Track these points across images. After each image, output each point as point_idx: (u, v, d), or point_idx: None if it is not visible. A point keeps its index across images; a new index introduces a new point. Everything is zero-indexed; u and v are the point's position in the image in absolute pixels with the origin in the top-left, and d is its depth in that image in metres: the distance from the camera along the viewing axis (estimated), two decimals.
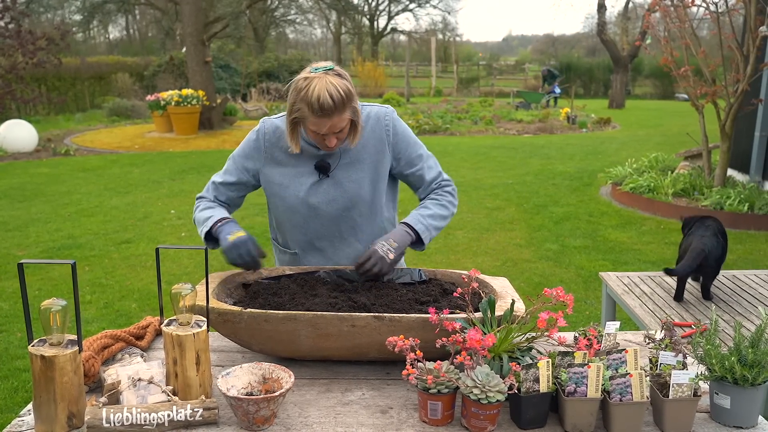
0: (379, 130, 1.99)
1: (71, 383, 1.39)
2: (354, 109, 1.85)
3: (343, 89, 1.78)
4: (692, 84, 7.12)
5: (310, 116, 1.80)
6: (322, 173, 1.97)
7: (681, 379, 1.41)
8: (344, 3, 27.51)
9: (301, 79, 1.81)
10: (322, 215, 1.99)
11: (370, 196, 2.01)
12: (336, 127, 1.82)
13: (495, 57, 43.58)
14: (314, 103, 1.75)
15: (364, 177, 1.99)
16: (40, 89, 17.50)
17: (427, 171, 2.07)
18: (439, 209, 2.03)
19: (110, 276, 5.15)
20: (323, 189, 1.98)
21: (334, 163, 1.98)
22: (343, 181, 1.98)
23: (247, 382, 1.50)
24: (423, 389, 1.43)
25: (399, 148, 2.02)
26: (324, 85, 1.76)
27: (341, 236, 2.03)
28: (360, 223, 2.03)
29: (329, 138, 1.85)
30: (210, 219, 1.95)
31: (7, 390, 3.41)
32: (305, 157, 1.98)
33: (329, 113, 1.77)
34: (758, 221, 6.45)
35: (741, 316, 2.77)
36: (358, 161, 1.99)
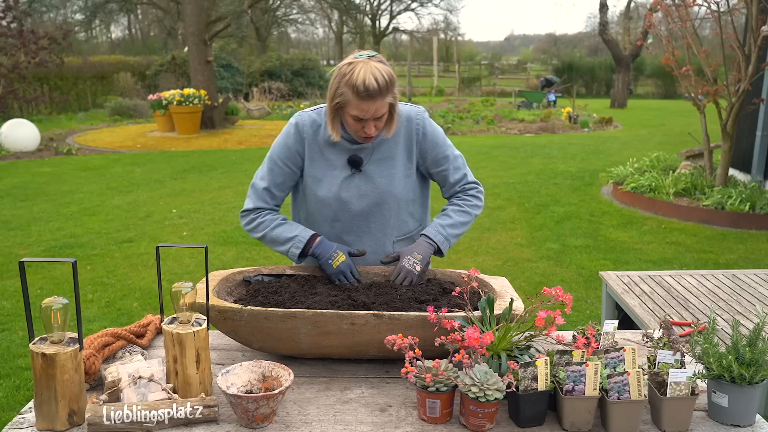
0: (410, 128, 2.03)
1: (72, 381, 1.40)
2: (394, 95, 1.88)
3: (387, 74, 1.82)
4: (694, 83, 7.12)
5: (353, 100, 1.82)
6: (355, 168, 2.00)
7: (679, 378, 1.42)
8: (346, 2, 27.52)
9: (344, 64, 1.85)
10: (352, 210, 2.02)
11: (400, 192, 2.03)
12: (378, 112, 1.85)
13: (497, 56, 43.57)
14: (359, 86, 1.79)
15: (395, 173, 2.02)
16: (43, 89, 17.53)
17: (453, 172, 2.09)
18: (459, 216, 2.06)
19: (112, 275, 5.16)
20: (355, 184, 2.00)
21: (367, 158, 2.00)
22: (375, 177, 2.00)
23: (246, 380, 1.51)
24: (422, 387, 1.44)
25: (426, 147, 2.04)
26: (369, 69, 1.80)
27: (369, 231, 2.05)
28: (388, 219, 2.05)
29: (368, 125, 1.87)
30: (296, 238, 1.96)
31: (9, 388, 3.42)
32: (339, 151, 2.00)
33: (373, 96, 1.80)
34: (759, 221, 6.45)
35: (740, 315, 2.78)
36: (390, 158, 2.01)
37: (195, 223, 6.75)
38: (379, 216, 2.04)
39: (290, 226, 1.99)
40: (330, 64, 42.21)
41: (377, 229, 2.05)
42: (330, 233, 2.06)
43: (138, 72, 21.90)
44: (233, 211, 7.24)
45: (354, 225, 2.04)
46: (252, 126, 15.82)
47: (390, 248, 2.09)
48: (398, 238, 2.10)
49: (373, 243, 2.06)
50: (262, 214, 2.04)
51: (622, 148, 12.09)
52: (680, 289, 3.13)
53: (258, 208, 2.05)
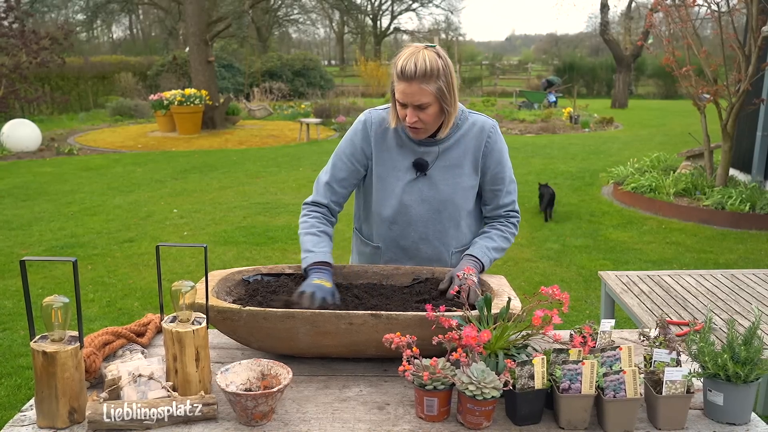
0: (480, 139, 1.99)
1: (73, 379, 1.41)
2: (441, 89, 1.82)
3: (431, 61, 1.79)
4: (694, 84, 7.13)
5: (396, 81, 1.83)
6: (420, 171, 1.97)
7: (674, 376, 1.43)
8: (347, 2, 27.54)
9: (403, 48, 1.87)
10: (412, 214, 2.00)
11: (463, 202, 2.01)
12: (416, 98, 1.81)
13: (498, 56, 43.57)
14: (399, 65, 1.80)
15: (460, 182, 1.99)
16: (44, 89, 17.56)
17: (505, 195, 2.06)
18: (502, 242, 2.04)
19: (113, 274, 5.18)
20: (418, 188, 1.98)
21: (432, 163, 1.98)
22: (439, 183, 1.98)
23: (245, 378, 1.52)
24: (419, 386, 1.45)
25: (490, 162, 2.01)
26: (414, 53, 1.80)
27: (426, 238, 2.03)
28: (447, 228, 2.02)
29: (409, 112, 1.84)
30: (310, 255, 1.90)
31: (11, 387, 3.44)
32: (405, 153, 1.98)
33: (409, 78, 1.78)
34: (760, 221, 6.46)
35: (738, 315, 2.79)
36: (457, 166, 1.98)
37: (196, 223, 6.76)
38: (437, 224, 2.01)
39: (317, 239, 1.94)
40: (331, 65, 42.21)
41: (435, 237, 2.03)
42: (387, 236, 2.04)
43: (139, 72, 21.93)
44: (234, 211, 7.25)
45: (411, 231, 2.02)
46: (253, 126, 15.84)
47: (448, 259, 2.06)
48: (456, 249, 2.07)
49: (431, 251, 2.04)
50: (311, 214, 2.02)
51: (623, 148, 12.09)
52: (679, 289, 3.13)
53: (315, 203, 2.03)
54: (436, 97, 1.83)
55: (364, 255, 2.13)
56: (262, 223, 6.75)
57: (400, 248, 2.04)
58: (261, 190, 8.41)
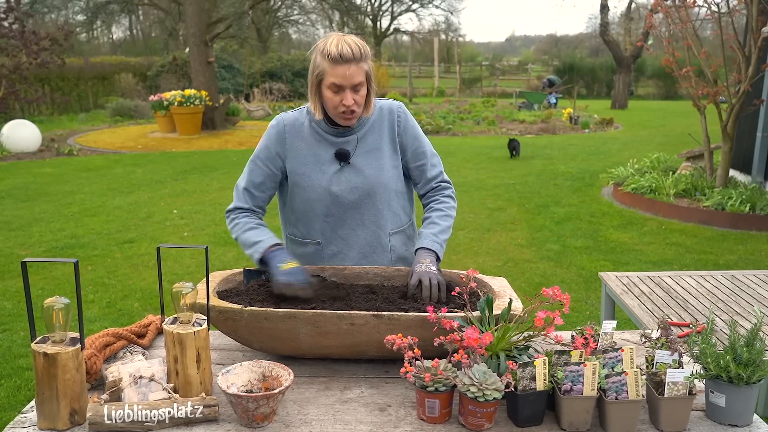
0: (392, 120, 2.07)
1: (73, 380, 1.41)
2: (370, 68, 1.92)
3: (360, 43, 1.88)
4: (694, 85, 7.13)
5: (329, 67, 1.87)
6: (343, 161, 2.02)
7: (676, 378, 1.43)
8: (347, 3, 27.55)
9: (321, 41, 1.92)
10: (345, 203, 2.03)
11: (391, 183, 2.06)
12: (354, 78, 1.87)
13: (498, 57, 43.57)
14: (333, 50, 1.85)
15: (384, 164, 2.04)
16: (44, 89, 17.56)
17: (430, 168, 2.12)
18: (444, 221, 2.07)
19: (113, 275, 5.17)
20: (345, 177, 2.02)
21: (353, 151, 2.02)
22: (364, 168, 2.02)
23: (247, 379, 1.51)
24: (421, 387, 1.45)
25: (407, 140, 2.08)
26: (341, 38, 1.88)
27: (363, 224, 2.06)
28: (381, 210, 2.06)
29: (346, 95, 1.88)
30: (259, 244, 1.94)
31: (11, 388, 3.43)
32: (325, 146, 2.03)
33: (347, 60, 1.84)
34: (760, 222, 6.45)
35: (739, 316, 2.78)
36: (377, 149, 2.04)
37: (196, 223, 6.76)
38: (371, 207, 2.05)
39: (259, 231, 1.99)
40: None
41: (371, 221, 2.06)
42: (324, 228, 2.07)
43: (139, 73, 21.92)
44: None
45: (347, 218, 2.05)
46: (253, 127, 15.84)
47: (386, 241, 2.09)
48: (393, 231, 2.11)
49: (369, 235, 2.07)
50: (239, 216, 2.06)
51: (623, 149, 12.09)
52: (679, 290, 3.13)
53: (237, 208, 2.08)
54: (368, 76, 1.92)
55: (305, 256, 2.11)
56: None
57: (339, 238, 2.07)
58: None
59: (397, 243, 2.13)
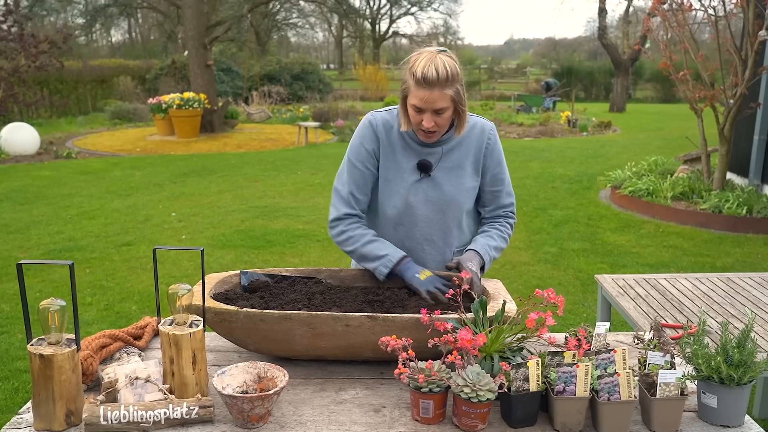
0: (481, 140, 2.03)
1: (69, 381, 1.41)
2: (458, 92, 1.85)
3: (450, 66, 1.82)
4: (691, 88, 7.15)
5: (412, 88, 1.83)
6: (424, 172, 2.00)
7: (668, 379, 1.44)
8: (346, 6, 27.60)
9: (414, 54, 1.87)
10: (417, 215, 2.02)
11: (465, 203, 2.03)
12: (435, 104, 1.83)
13: (496, 60, 43.64)
14: (418, 72, 1.80)
15: (463, 183, 2.01)
16: (43, 92, 17.56)
17: (505, 196, 2.10)
18: (501, 242, 2.06)
19: (111, 278, 5.18)
20: (422, 189, 2.00)
21: (436, 164, 2.00)
22: (443, 184, 2.00)
23: (242, 380, 1.52)
24: (415, 388, 1.46)
25: (490, 163, 2.04)
26: (431, 58, 1.81)
27: (431, 239, 2.04)
28: (451, 228, 2.04)
29: (426, 117, 1.85)
30: (386, 258, 1.92)
31: (8, 390, 3.44)
32: (409, 155, 2.00)
33: (431, 85, 1.80)
34: (757, 224, 6.47)
35: (734, 318, 2.80)
36: (460, 167, 2.01)
37: (194, 226, 6.77)
38: (442, 224, 2.03)
39: (381, 244, 1.96)
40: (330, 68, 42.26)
41: (439, 237, 2.04)
42: (393, 237, 2.05)
43: (138, 76, 21.95)
44: (232, 214, 7.26)
45: (416, 231, 2.03)
46: (251, 130, 15.86)
47: (449, 257, 2.08)
48: (458, 248, 2.09)
49: (435, 251, 2.06)
50: (352, 227, 2.01)
51: (621, 151, 12.12)
52: (675, 292, 3.14)
53: (348, 215, 2.02)
54: (454, 100, 1.85)
55: None
56: (261, 226, 6.75)
57: (405, 249, 2.05)
58: (259, 193, 8.42)
59: None
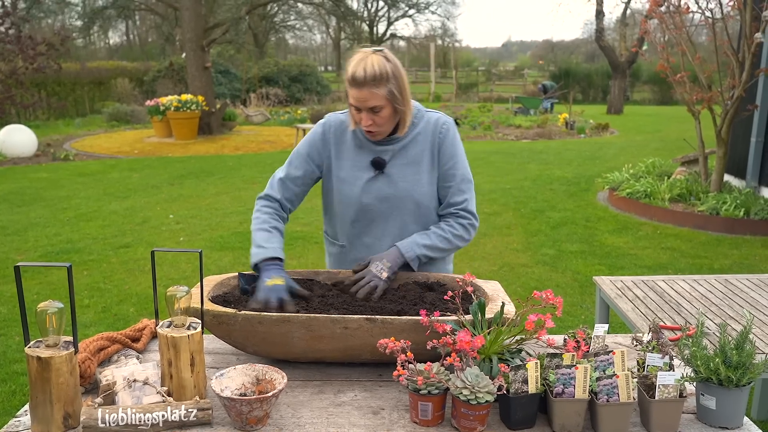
0: (434, 135, 2.03)
1: (67, 384, 1.41)
2: (392, 91, 1.87)
3: (379, 66, 1.85)
4: (688, 90, 7.16)
5: (348, 87, 1.89)
6: (378, 169, 2.02)
7: (667, 381, 1.44)
8: (344, 9, 27.62)
9: (351, 55, 1.92)
10: (374, 211, 2.03)
11: (423, 198, 2.03)
12: (368, 102, 1.86)
13: (494, 62, 43.70)
14: (348, 72, 1.87)
15: (419, 179, 2.02)
16: (40, 94, 17.55)
17: (455, 193, 2.04)
18: (439, 241, 2.00)
19: (108, 280, 5.17)
20: (377, 186, 2.02)
21: (390, 161, 2.02)
22: (398, 181, 2.02)
23: (240, 383, 1.52)
24: (414, 390, 1.46)
25: (442, 157, 2.03)
26: (362, 58, 1.86)
27: (389, 234, 2.05)
28: (408, 224, 2.05)
29: (363, 116, 1.90)
30: (261, 250, 1.90)
31: (5, 393, 3.43)
32: (364, 153, 2.03)
33: (360, 84, 1.84)
34: (754, 226, 6.48)
35: (732, 320, 2.80)
36: (416, 163, 2.02)
37: (192, 228, 6.76)
38: (398, 220, 2.04)
39: (269, 237, 1.95)
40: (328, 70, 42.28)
41: (395, 233, 2.05)
42: (351, 233, 2.08)
43: (136, 78, 21.94)
44: (230, 216, 7.25)
45: (374, 227, 2.05)
46: (249, 132, 15.85)
47: None
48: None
49: (391, 246, 2.04)
50: (263, 209, 2.05)
51: (618, 153, 12.14)
52: (673, 294, 3.15)
53: (268, 197, 2.08)
54: (388, 99, 1.89)
55: (333, 255, 2.19)
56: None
57: (364, 245, 2.08)
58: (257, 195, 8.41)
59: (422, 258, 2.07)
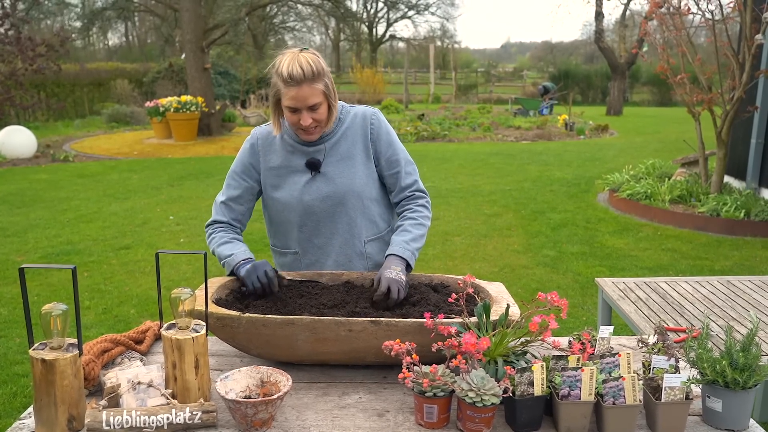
0: (365, 127, 2.07)
1: (71, 386, 1.41)
2: (327, 85, 1.90)
3: (314, 62, 1.87)
4: (689, 91, 7.17)
5: (282, 89, 1.89)
6: (313, 170, 2.03)
7: (673, 383, 1.43)
8: (343, 10, 27.62)
9: (277, 57, 1.93)
10: (318, 212, 2.04)
11: (363, 191, 2.05)
12: (308, 100, 1.87)
13: (493, 64, 43.73)
14: (284, 72, 1.86)
15: (356, 172, 2.04)
16: (40, 95, 17.53)
17: (404, 177, 2.10)
18: (417, 229, 2.04)
19: (109, 282, 5.16)
20: (316, 186, 2.03)
21: (324, 160, 2.03)
22: (335, 178, 2.03)
23: (245, 385, 1.51)
24: (419, 392, 1.45)
25: (380, 147, 2.08)
26: (294, 57, 1.87)
27: (337, 232, 2.07)
28: (354, 218, 2.06)
29: (303, 115, 1.90)
30: (231, 257, 1.95)
31: (6, 395, 3.42)
32: (296, 157, 2.04)
33: (298, 81, 1.85)
34: (755, 228, 6.48)
35: (735, 321, 2.80)
36: (349, 158, 2.04)
37: (192, 230, 6.75)
38: (344, 216, 2.05)
39: (232, 246, 1.99)
40: None
41: (344, 230, 2.06)
42: (300, 238, 2.09)
43: (135, 79, 21.92)
44: None
45: (321, 227, 2.06)
46: (249, 133, 15.84)
47: (361, 248, 2.09)
48: (369, 238, 2.11)
49: (343, 243, 2.08)
50: (215, 231, 2.07)
51: (618, 155, 12.14)
52: (675, 296, 3.14)
53: (216, 222, 2.09)
54: (325, 94, 1.91)
55: (285, 265, 2.17)
56: (259, 230, 6.72)
57: (316, 247, 2.08)
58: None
59: (373, 250, 2.11)
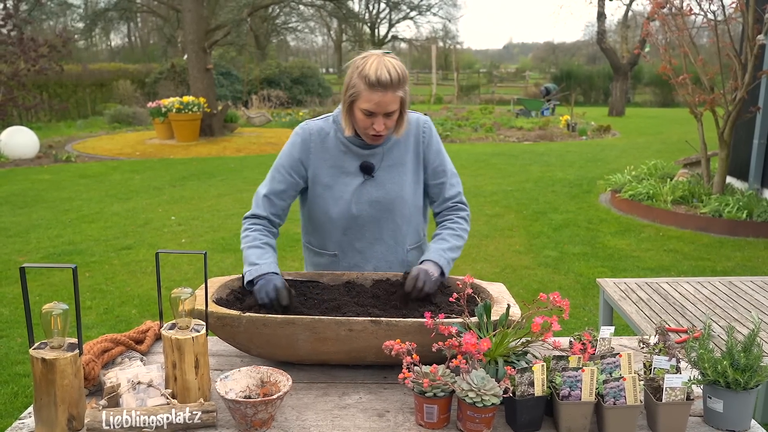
0: (417, 135, 2.04)
1: (72, 386, 1.40)
2: (406, 93, 1.87)
3: (400, 68, 1.83)
4: (691, 92, 7.16)
5: (364, 91, 1.82)
6: (367, 174, 1.99)
7: (674, 383, 1.43)
8: (345, 11, 27.63)
9: (359, 58, 1.87)
10: (364, 216, 2.01)
11: (411, 198, 2.03)
12: (388, 106, 1.83)
13: (495, 64, 43.72)
14: (371, 76, 1.79)
15: (406, 180, 2.02)
16: (42, 96, 17.54)
17: (449, 188, 2.08)
18: (455, 240, 2.02)
19: (110, 282, 5.16)
20: (366, 190, 2.00)
21: (378, 164, 2.00)
22: (386, 183, 2.00)
23: (245, 385, 1.51)
24: (419, 393, 1.45)
25: (430, 156, 2.05)
26: (382, 61, 1.82)
27: (381, 238, 2.04)
28: (400, 225, 2.04)
29: (378, 120, 1.85)
30: (255, 267, 1.85)
31: (7, 395, 3.42)
32: (349, 157, 1.99)
33: (384, 87, 1.80)
34: (757, 228, 6.47)
35: (737, 322, 2.79)
36: (401, 164, 2.01)
37: (194, 230, 6.76)
38: (390, 223, 2.03)
39: (261, 252, 1.91)
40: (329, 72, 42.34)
41: (389, 236, 2.04)
42: (342, 241, 2.05)
43: (137, 79, 21.94)
44: (232, 218, 7.24)
45: (366, 232, 2.03)
46: (251, 133, 15.85)
47: (403, 257, 2.07)
48: (411, 246, 2.08)
49: (385, 250, 2.05)
50: (252, 227, 2.00)
51: (620, 155, 12.12)
52: (677, 296, 3.14)
53: (254, 215, 2.03)
54: (402, 101, 1.88)
55: (320, 266, 2.12)
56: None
57: (356, 251, 2.05)
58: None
59: (414, 259, 2.08)
